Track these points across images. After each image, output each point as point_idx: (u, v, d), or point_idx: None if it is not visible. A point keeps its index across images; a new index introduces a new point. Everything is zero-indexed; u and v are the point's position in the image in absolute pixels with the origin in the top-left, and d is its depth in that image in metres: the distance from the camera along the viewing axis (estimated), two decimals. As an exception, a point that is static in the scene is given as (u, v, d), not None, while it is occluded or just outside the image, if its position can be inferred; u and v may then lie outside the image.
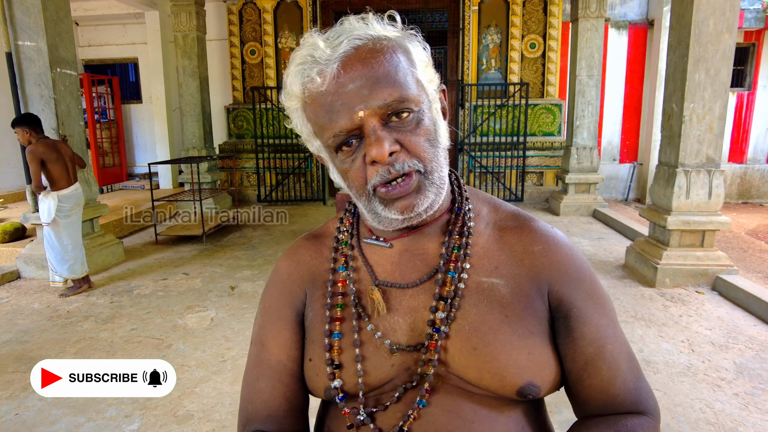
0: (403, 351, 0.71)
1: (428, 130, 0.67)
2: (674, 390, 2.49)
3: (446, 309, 0.70)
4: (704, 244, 3.95)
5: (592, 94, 6.60)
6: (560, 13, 7.37)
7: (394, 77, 0.64)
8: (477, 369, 0.68)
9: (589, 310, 0.72)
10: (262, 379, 0.79)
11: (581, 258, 0.77)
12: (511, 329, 0.69)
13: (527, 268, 0.73)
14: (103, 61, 8.99)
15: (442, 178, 0.69)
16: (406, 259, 0.75)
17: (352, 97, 0.63)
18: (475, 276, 0.73)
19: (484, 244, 0.75)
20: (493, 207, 0.81)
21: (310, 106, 0.67)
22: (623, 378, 0.72)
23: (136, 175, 9.28)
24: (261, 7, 7.68)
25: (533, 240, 0.75)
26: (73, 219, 3.99)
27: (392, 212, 0.67)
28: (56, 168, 3.81)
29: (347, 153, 0.67)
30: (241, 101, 8.02)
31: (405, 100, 0.64)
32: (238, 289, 4.06)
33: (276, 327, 0.80)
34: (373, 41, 0.65)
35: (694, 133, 3.82)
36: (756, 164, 7.86)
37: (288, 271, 0.82)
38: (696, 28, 3.67)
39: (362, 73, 0.63)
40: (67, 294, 3.94)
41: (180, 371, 2.75)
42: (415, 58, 0.69)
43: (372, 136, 0.63)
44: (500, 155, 7.47)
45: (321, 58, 0.64)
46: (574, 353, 0.71)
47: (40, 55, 4.14)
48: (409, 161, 0.65)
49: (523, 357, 0.68)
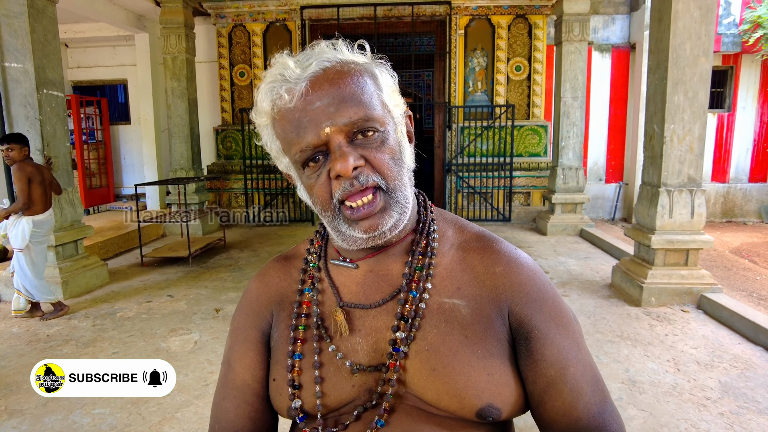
0: (364, 371, 0.71)
1: (393, 149, 0.69)
2: (660, 410, 2.48)
3: (406, 329, 0.70)
4: (688, 263, 3.99)
5: (576, 115, 6.71)
6: (545, 36, 7.54)
7: (360, 97, 0.66)
8: (435, 390, 0.68)
9: (550, 332, 0.72)
10: (227, 399, 0.79)
11: (543, 279, 0.76)
12: (471, 350, 0.69)
13: (488, 288, 0.73)
14: (93, 83, 9.01)
15: (406, 197, 0.70)
16: (371, 279, 0.76)
17: (319, 114, 0.65)
18: (437, 297, 0.73)
19: (447, 264, 0.76)
20: (459, 228, 0.81)
21: (279, 123, 0.69)
22: (586, 401, 0.70)
23: (123, 196, 9.21)
24: (250, 30, 7.78)
25: (495, 261, 0.75)
26: (44, 246, 3.95)
27: (357, 231, 0.68)
28: (38, 190, 3.76)
29: (313, 168, 0.69)
30: (230, 122, 8.05)
31: (370, 119, 0.66)
32: (223, 311, 4.01)
33: (242, 348, 0.80)
34: (341, 64, 0.68)
35: (675, 154, 3.90)
36: (738, 183, 8.00)
37: (257, 293, 0.84)
38: (673, 52, 3.77)
39: (329, 92, 0.65)
40: (47, 317, 3.85)
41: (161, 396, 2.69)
42: (381, 83, 0.71)
43: (337, 151, 0.65)
44: (487, 176, 7.54)
45: (290, 77, 0.66)
46: (534, 375, 0.71)
47: (27, 76, 4.14)
48: (373, 176, 0.67)
49: (482, 378, 0.67)
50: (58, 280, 4.30)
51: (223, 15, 7.74)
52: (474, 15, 7.52)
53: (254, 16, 7.72)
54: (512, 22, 7.53)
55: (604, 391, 0.73)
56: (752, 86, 7.75)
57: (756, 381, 2.74)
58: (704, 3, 3.72)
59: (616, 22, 7.88)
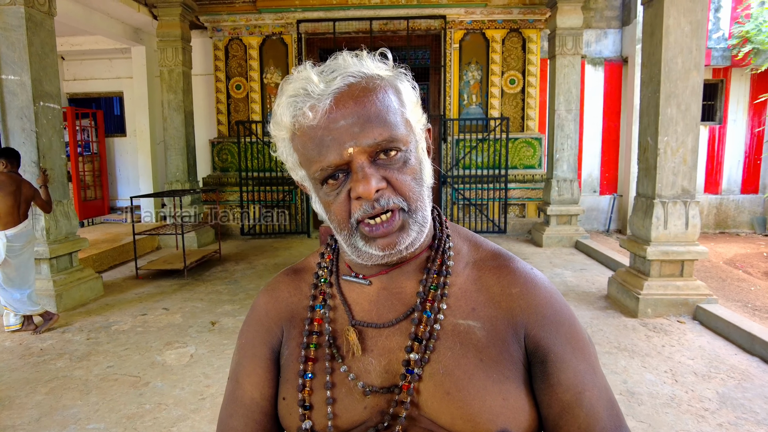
0: (377, 393, 0.70)
1: (415, 169, 0.68)
2: (659, 422, 2.48)
3: (420, 351, 0.69)
4: (684, 274, 4.01)
5: (570, 128, 6.78)
6: (538, 50, 7.65)
7: (385, 117, 0.65)
8: (450, 414, 0.66)
9: (567, 355, 0.70)
10: (234, 417, 0.77)
11: (560, 301, 0.75)
12: (486, 374, 0.67)
13: (504, 310, 0.72)
14: (89, 95, 9.01)
15: (425, 217, 0.70)
16: (384, 297, 0.75)
17: (342, 134, 0.63)
18: (452, 317, 0.72)
19: (462, 284, 0.74)
20: (474, 245, 0.80)
21: (299, 138, 0.67)
22: (602, 426, 0.69)
23: (118, 208, 9.18)
24: (247, 43, 7.83)
25: (512, 281, 0.74)
26: (25, 257, 3.85)
27: (373, 248, 0.67)
28: (5, 202, 3.68)
29: (332, 186, 0.67)
30: (226, 135, 8.06)
31: (394, 140, 0.65)
32: (219, 324, 3.98)
33: (251, 364, 0.79)
34: (366, 79, 0.66)
35: (669, 166, 3.94)
36: (731, 195, 8.07)
37: (266, 308, 0.82)
38: (666, 65, 3.83)
39: (354, 111, 0.64)
40: (40, 330, 3.80)
41: (157, 410, 2.66)
42: (405, 98, 0.70)
43: (360, 172, 0.64)
44: (483, 188, 7.58)
45: (314, 92, 0.64)
46: (550, 399, 0.69)
47: (24, 88, 4.14)
48: (394, 198, 0.65)
49: (497, 403, 0.66)
50: (51, 293, 4.26)
51: (220, 28, 7.80)
52: (468, 29, 7.62)
53: (251, 30, 7.78)
54: (506, 36, 7.63)
55: (619, 415, 0.72)
56: (742, 99, 7.87)
57: (753, 392, 2.75)
58: (695, 18, 3.80)
59: (609, 36, 8.00)
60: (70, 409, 2.69)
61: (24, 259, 3.84)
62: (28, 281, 3.86)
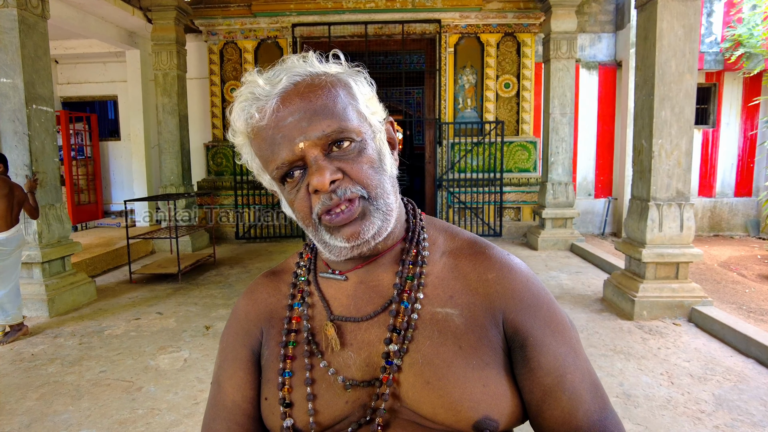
0: (357, 387, 0.69)
1: (372, 158, 0.68)
2: (655, 424, 2.47)
3: (399, 341, 0.69)
4: (679, 276, 4.02)
5: (565, 131, 6.80)
6: (533, 54, 7.67)
7: (332, 109, 0.65)
8: (431, 403, 0.66)
9: (546, 339, 0.70)
10: (217, 420, 0.77)
11: (538, 285, 0.75)
12: (465, 361, 0.67)
13: (482, 296, 0.71)
14: (83, 99, 8.96)
15: (388, 204, 0.69)
16: (361, 291, 0.75)
17: (291, 130, 0.64)
18: (429, 306, 0.71)
19: (439, 273, 0.74)
20: (449, 235, 0.80)
21: (255, 141, 0.68)
22: (586, 409, 0.69)
23: (112, 212, 9.11)
24: (242, 47, 7.83)
25: (487, 267, 0.74)
26: (11, 261, 3.77)
27: (339, 240, 0.67)
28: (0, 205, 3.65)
29: (291, 184, 0.68)
30: (220, 139, 8.04)
31: (345, 130, 0.65)
32: (213, 328, 3.95)
33: (231, 367, 0.79)
34: (311, 77, 0.67)
35: (663, 168, 3.95)
36: (724, 198, 8.11)
37: (245, 311, 0.82)
38: (659, 68, 3.85)
39: (300, 107, 0.64)
40: (4, 341, 3.67)
41: (150, 415, 2.63)
42: (355, 92, 0.70)
43: (314, 165, 0.64)
44: (478, 191, 7.59)
45: (261, 94, 0.66)
46: (531, 384, 0.69)
47: (16, 91, 4.11)
48: (352, 187, 0.65)
49: (477, 390, 0.66)
50: (44, 297, 4.22)
51: (215, 32, 7.79)
52: (463, 33, 7.64)
53: (246, 34, 7.77)
54: (501, 40, 7.65)
55: (603, 397, 0.71)
56: (735, 103, 7.92)
57: (749, 393, 2.75)
58: (687, 21, 3.82)
59: (603, 40, 8.04)
60: (62, 414, 2.65)
61: (9, 264, 3.75)
62: (6, 285, 3.74)
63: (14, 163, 4.16)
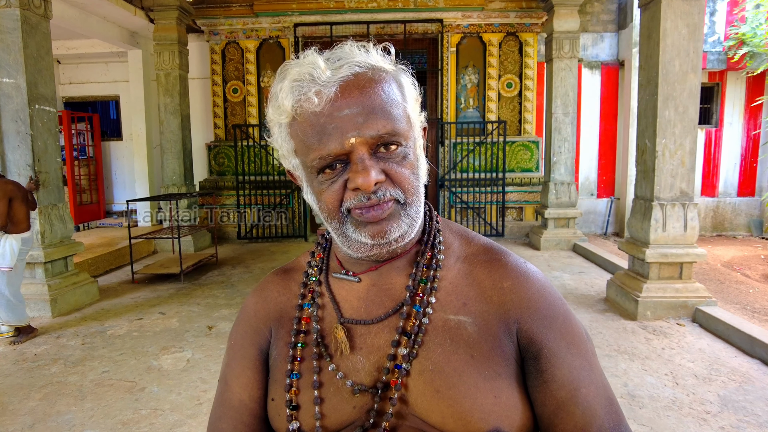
0: (366, 392, 0.68)
1: (413, 164, 0.67)
2: (661, 425, 2.46)
3: (408, 345, 0.67)
4: (682, 276, 4.00)
5: (568, 131, 6.78)
6: (535, 54, 7.66)
7: (389, 110, 0.64)
8: (440, 413, 0.64)
9: (561, 351, 0.68)
10: (223, 419, 0.76)
11: (554, 295, 0.73)
12: (477, 371, 0.65)
13: (496, 305, 0.70)
14: (85, 99, 8.97)
15: (418, 212, 0.69)
16: (373, 294, 0.73)
17: (346, 123, 0.62)
18: (442, 313, 0.70)
19: (453, 278, 0.73)
20: (465, 240, 0.78)
21: (300, 124, 0.65)
22: (599, 424, 0.66)
23: (114, 212, 9.12)
24: (244, 47, 7.82)
25: (503, 275, 0.72)
26: (24, 263, 3.88)
27: (363, 236, 0.66)
28: (21, 209, 3.68)
29: (328, 175, 0.66)
30: (222, 138, 8.04)
31: (396, 134, 0.64)
32: (216, 328, 3.94)
33: (239, 366, 0.78)
34: (372, 70, 0.65)
35: (667, 168, 3.93)
36: (727, 197, 8.09)
37: (255, 309, 0.81)
38: (663, 68, 3.83)
39: (359, 101, 0.62)
40: (18, 340, 3.68)
41: (153, 415, 2.62)
42: (407, 93, 0.69)
43: (360, 164, 0.63)
44: (480, 191, 7.57)
45: (320, 78, 0.63)
46: (544, 397, 0.67)
47: (19, 91, 4.11)
48: (392, 190, 0.65)
49: (489, 401, 0.64)
50: (46, 298, 4.22)
51: (217, 32, 7.78)
52: (465, 33, 7.63)
53: (247, 33, 7.76)
54: (503, 39, 7.64)
55: (618, 413, 0.68)
56: (738, 102, 7.89)
57: (755, 394, 2.73)
58: (691, 21, 3.80)
59: (605, 40, 8.02)
60: (65, 415, 2.65)
61: (23, 265, 3.87)
62: (18, 289, 3.80)
63: (17, 163, 4.17)
